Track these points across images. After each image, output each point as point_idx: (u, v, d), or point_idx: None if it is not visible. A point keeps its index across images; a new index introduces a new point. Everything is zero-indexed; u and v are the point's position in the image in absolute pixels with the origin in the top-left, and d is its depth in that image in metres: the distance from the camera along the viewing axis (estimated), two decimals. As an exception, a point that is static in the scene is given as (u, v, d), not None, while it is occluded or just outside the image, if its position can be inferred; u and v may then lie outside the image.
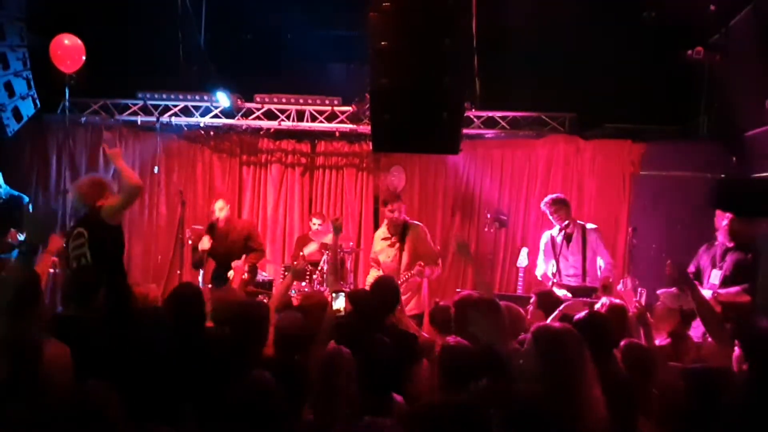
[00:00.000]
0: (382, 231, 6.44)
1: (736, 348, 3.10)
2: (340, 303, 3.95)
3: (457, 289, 6.17)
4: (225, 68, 7.66)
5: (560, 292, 5.95)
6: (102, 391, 2.23)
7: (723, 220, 5.30)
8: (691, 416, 2.63)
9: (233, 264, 6.38)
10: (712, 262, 5.34)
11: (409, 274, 5.93)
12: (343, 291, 4.02)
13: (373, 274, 6.27)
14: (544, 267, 6.35)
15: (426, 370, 3.67)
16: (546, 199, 6.36)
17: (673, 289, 4.55)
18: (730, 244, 5.32)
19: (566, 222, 6.19)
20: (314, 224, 7.37)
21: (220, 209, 6.78)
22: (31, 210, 6.04)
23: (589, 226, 6.26)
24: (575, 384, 2.55)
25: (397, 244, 6.18)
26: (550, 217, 6.27)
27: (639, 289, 4.31)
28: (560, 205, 6.23)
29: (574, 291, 6.00)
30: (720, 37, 6.39)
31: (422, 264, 5.86)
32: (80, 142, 8.31)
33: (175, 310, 3.51)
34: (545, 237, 6.39)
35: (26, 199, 6.52)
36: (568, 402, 2.33)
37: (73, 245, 4.42)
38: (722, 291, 5.17)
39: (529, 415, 2.41)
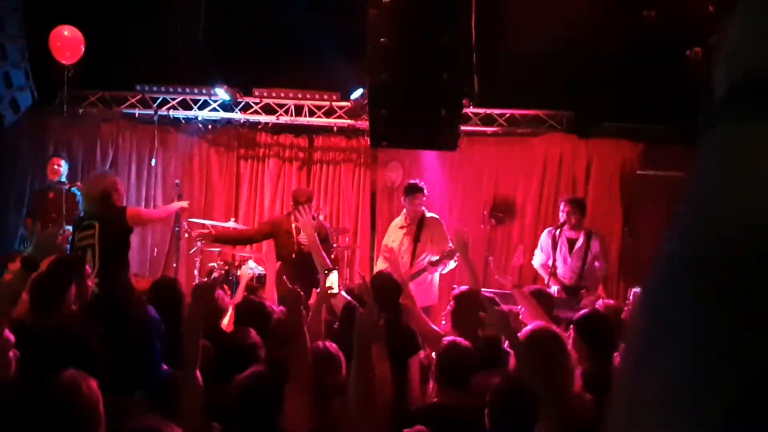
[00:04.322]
0: (400, 219, 6.47)
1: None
2: (333, 281, 3.70)
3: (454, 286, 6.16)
4: (224, 61, 7.64)
5: (554, 288, 6.00)
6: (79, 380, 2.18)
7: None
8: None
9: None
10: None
11: (419, 269, 5.96)
12: (335, 269, 3.83)
13: (381, 264, 6.24)
14: (541, 259, 6.35)
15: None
16: (567, 197, 6.30)
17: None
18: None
19: (574, 226, 6.12)
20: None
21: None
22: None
23: (595, 235, 6.18)
24: (556, 380, 2.68)
25: (414, 233, 6.23)
26: (561, 214, 6.17)
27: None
28: (576, 207, 6.13)
29: (567, 289, 6.02)
30: (719, 37, 6.38)
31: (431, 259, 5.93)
32: (78, 134, 8.29)
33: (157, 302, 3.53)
34: (546, 233, 6.37)
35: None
36: (550, 395, 2.48)
37: (82, 236, 4.65)
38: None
39: (516, 404, 2.53)
